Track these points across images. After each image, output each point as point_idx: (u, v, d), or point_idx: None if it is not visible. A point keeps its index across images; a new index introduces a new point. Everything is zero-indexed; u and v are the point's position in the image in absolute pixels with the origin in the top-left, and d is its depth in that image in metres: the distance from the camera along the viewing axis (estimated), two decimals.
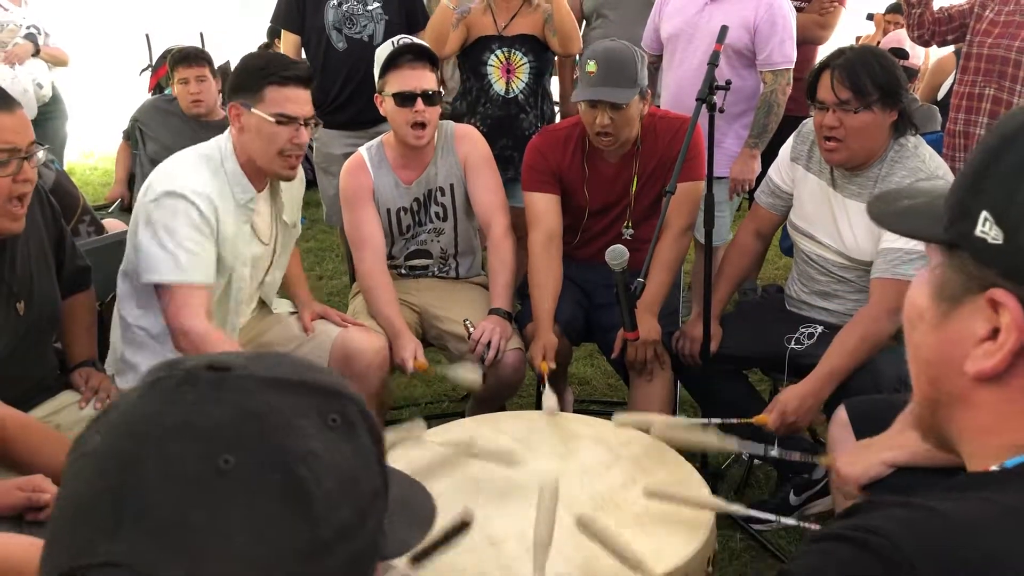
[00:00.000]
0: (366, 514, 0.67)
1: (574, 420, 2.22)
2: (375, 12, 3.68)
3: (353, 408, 0.70)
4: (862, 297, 2.49)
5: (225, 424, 0.63)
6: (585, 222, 2.88)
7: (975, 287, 0.77)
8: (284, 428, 0.64)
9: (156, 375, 0.67)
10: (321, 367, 0.74)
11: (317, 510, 0.62)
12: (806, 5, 4.04)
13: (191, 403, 0.64)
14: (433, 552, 1.24)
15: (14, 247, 2.04)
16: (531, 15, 3.54)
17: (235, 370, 0.66)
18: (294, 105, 2.33)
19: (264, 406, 0.64)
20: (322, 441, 0.65)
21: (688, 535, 1.68)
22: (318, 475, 0.63)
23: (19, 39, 4.84)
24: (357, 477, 0.67)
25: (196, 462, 0.61)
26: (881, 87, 2.32)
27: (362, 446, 0.69)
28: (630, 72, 2.60)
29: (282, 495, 0.62)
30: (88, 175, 7.22)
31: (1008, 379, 0.77)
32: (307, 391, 0.68)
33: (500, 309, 2.72)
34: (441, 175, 2.86)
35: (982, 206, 0.76)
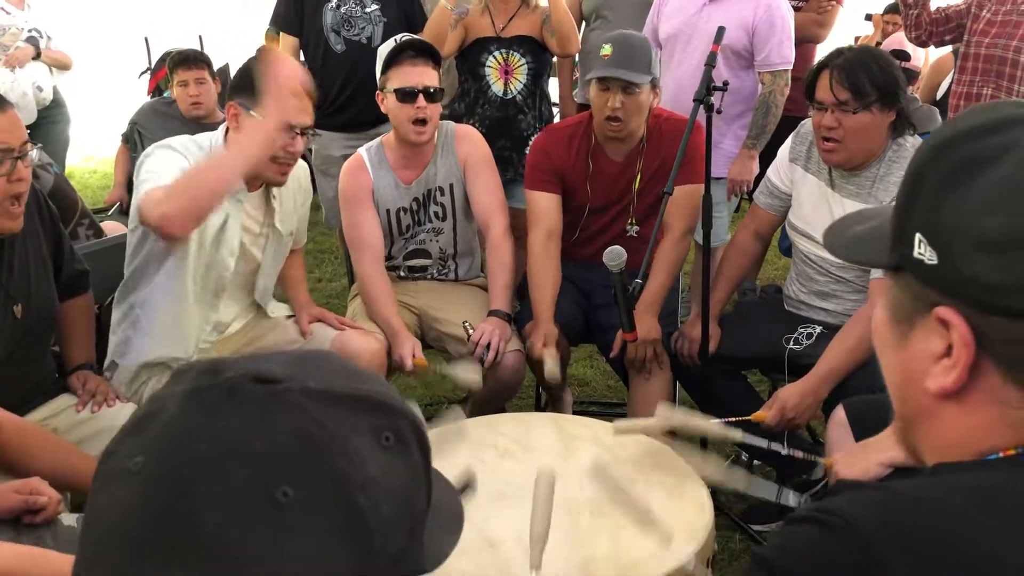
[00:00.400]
0: (415, 533, 0.65)
1: (573, 421, 2.21)
2: (373, 14, 3.69)
3: (406, 424, 0.67)
4: (860, 297, 2.49)
5: (283, 449, 0.59)
6: (585, 219, 2.88)
7: (923, 307, 0.79)
8: (342, 453, 0.60)
9: (195, 383, 0.62)
10: (368, 373, 0.70)
11: (376, 541, 0.60)
12: (803, 4, 4.04)
13: (244, 422, 0.59)
14: None
15: (11, 250, 2.04)
16: (529, 16, 3.54)
17: (284, 382, 0.62)
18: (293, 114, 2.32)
19: (320, 428, 0.60)
20: (378, 463, 0.62)
21: (687, 536, 1.67)
22: (376, 503, 0.60)
23: (20, 43, 4.84)
24: (410, 497, 0.64)
25: (254, 492, 0.57)
26: (879, 88, 2.32)
27: (414, 463, 0.66)
28: (645, 58, 2.63)
29: (342, 529, 0.59)
30: (87, 178, 7.22)
31: (968, 393, 0.78)
32: (361, 406, 0.64)
33: (499, 311, 2.72)
34: (441, 175, 2.86)
35: (915, 228, 0.78)
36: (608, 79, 2.62)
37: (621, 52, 2.61)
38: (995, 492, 0.74)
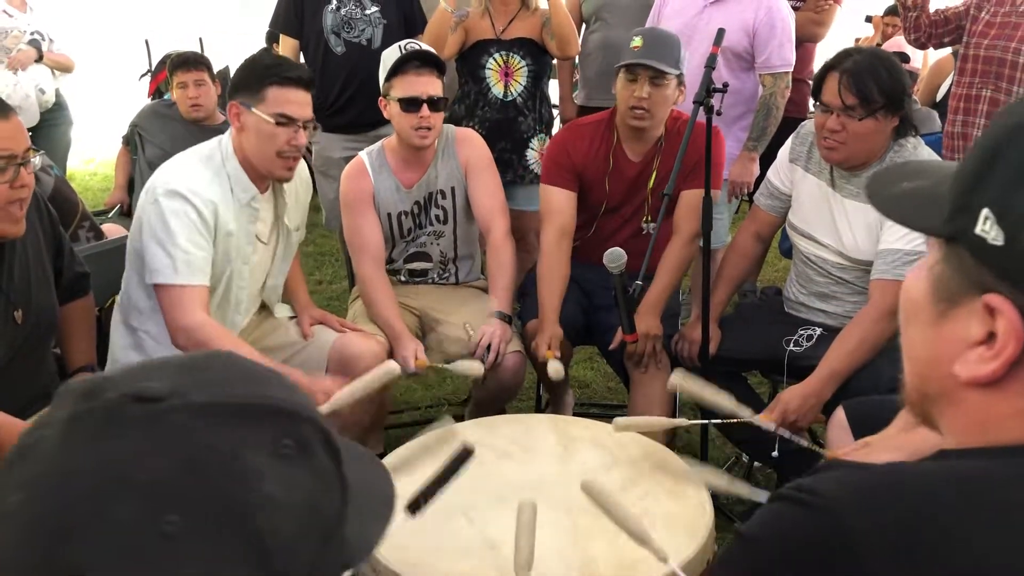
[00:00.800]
0: (328, 538, 0.62)
1: (572, 423, 2.21)
2: (373, 16, 3.69)
3: (308, 427, 0.63)
4: (860, 299, 2.49)
5: (168, 477, 0.56)
6: (600, 218, 2.88)
7: (973, 288, 0.74)
8: (233, 472, 0.57)
9: (73, 408, 0.59)
10: (269, 373, 0.67)
11: (277, 562, 0.57)
12: (802, 4, 4.05)
13: (124, 451, 0.56)
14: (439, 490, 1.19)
15: (12, 255, 2.04)
16: (529, 18, 3.55)
17: (167, 399, 0.58)
18: (294, 107, 2.35)
19: (207, 448, 0.57)
20: (277, 478, 0.58)
21: (687, 537, 1.67)
22: (276, 523, 0.57)
23: (23, 45, 4.85)
24: (318, 505, 0.61)
25: (136, 525, 0.54)
26: (887, 95, 2.32)
27: (320, 468, 0.63)
28: (674, 52, 2.65)
29: (238, 552, 0.56)
30: (88, 181, 7.23)
31: (1002, 386, 0.74)
32: (254, 417, 0.60)
33: (500, 312, 2.73)
34: (442, 178, 2.86)
35: (983, 203, 0.72)
36: (636, 68, 2.63)
37: (651, 44, 2.63)
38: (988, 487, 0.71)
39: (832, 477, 0.75)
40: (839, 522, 0.70)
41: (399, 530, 0.70)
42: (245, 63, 2.45)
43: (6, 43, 4.82)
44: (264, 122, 2.33)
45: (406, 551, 1.60)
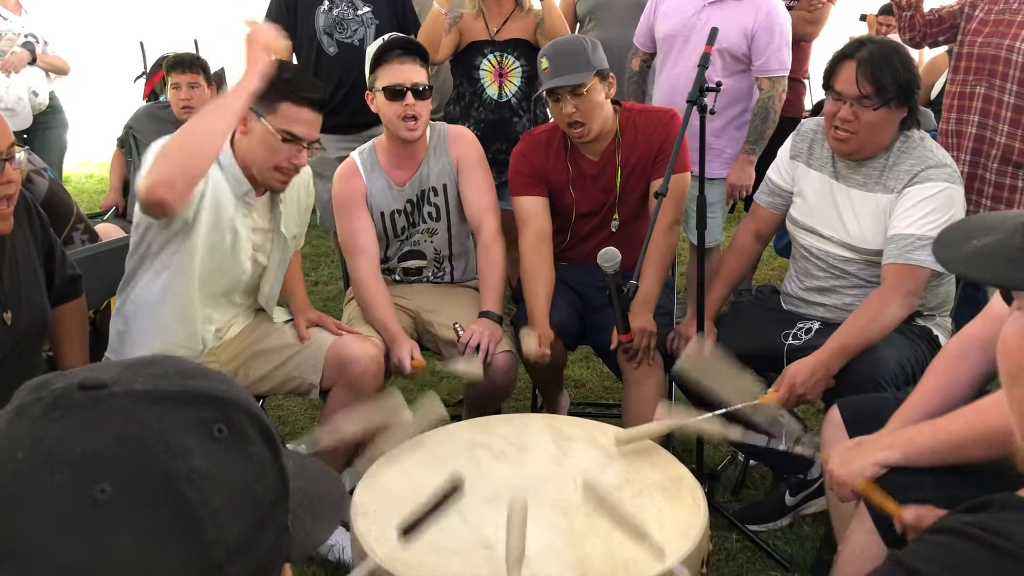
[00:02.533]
0: (264, 523, 0.64)
1: (568, 422, 2.21)
2: (365, 16, 3.69)
3: (241, 415, 0.66)
4: (860, 292, 2.50)
5: (99, 451, 0.59)
6: (574, 223, 2.89)
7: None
8: (164, 447, 0.60)
9: (22, 399, 0.63)
10: (209, 372, 0.70)
11: (207, 531, 0.60)
12: (796, 3, 4.05)
13: (61, 431, 0.60)
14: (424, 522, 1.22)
15: (1, 257, 2.04)
16: (523, 19, 3.55)
17: (110, 387, 0.62)
18: (303, 127, 2.34)
19: (142, 426, 0.60)
20: (208, 456, 0.62)
21: (681, 536, 1.68)
22: (205, 494, 0.60)
23: (16, 48, 4.85)
24: (250, 488, 0.64)
25: (68, 494, 0.57)
26: (901, 85, 2.34)
27: (254, 453, 0.65)
28: (581, 57, 2.63)
29: (167, 520, 0.58)
30: (83, 183, 7.23)
31: None
32: (189, 402, 0.64)
33: (490, 312, 2.73)
34: (434, 175, 2.86)
35: None
36: (554, 90, 2.63)
37: (556, 60, 2.63)
38: None
39: (1016, 520, 0.68)
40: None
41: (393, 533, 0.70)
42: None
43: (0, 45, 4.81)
44: (270, 134, 2.32)
45: (401, 551, 1.60)
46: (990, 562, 0.65)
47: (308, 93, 2.35)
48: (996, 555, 0.64)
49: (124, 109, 4.95)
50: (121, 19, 8.19)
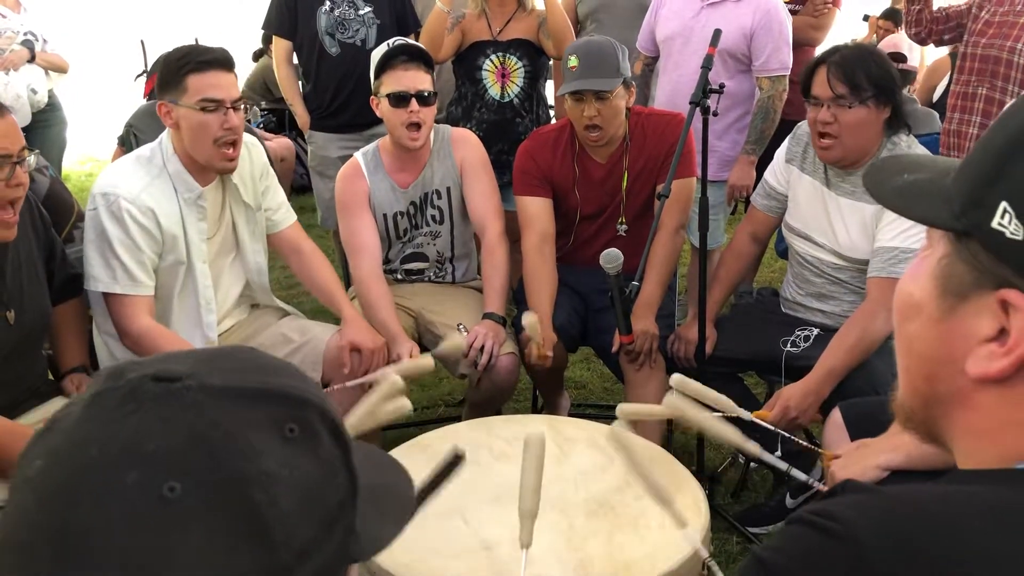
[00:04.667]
0: (332, 525, 0.64)
1: (569, 423, 2.21)
2: (367, 16, 3.69)
3: (314, 414, 0.66)
4: (857, 299, 2.50)
5: (171, 448, 0.59)
6: (578, 225, 2.88)
7: (986, 283, 0.72)
8: (236, 448, 0.60)
9: (99, 386, 0.63)
10: (282, 366, 0.70)
11: (275, 535, 0.59)
12: (800, 8, 4.05)
13: (135, 425, 0.60)
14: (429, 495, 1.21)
15: (4, 256, 2.04)
16: (525, 19, 3.54)
17: (184, 379, 0.62)
18: (216, 89, 2.30)
19: (213, 424, 0.60)
20: (279, 457, 0.61)
21: (683, 537, 1.67)
22: (274, 497, 0.60)
23: (15, 46, 4.84)
24: (320, 490, 0.64)
25: (139, 492, 0.57)
26: (876, 83, 2.34)
27: (325, 454, 0.65)
28: (611, 62, 2.61)
29: (235, 523, 0.58)
30: (83, 181, 7.21)
31: (1015, 383, 0.72)
32: (263, 400, 0.64)
33: (494, 314, 2.72)
34: (437, 178, 2.86)
35: (1001, 196, 0.71)
36: (578, 90, 2.62)
37: (587, 61, 2.61)
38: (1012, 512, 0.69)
39: (851, 502, 0.72)
40: (862, 553, 0.67)
41: None
42: (161, 60, 2.42)
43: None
44: (192, 112, 2.29)
45: (402, 552, 1.60)
46: (821, 544, 0.69)
47: (205, 56, 2.32)
48: (826, 536, 0.69)
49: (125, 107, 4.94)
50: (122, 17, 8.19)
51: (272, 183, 2.69)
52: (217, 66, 2.31)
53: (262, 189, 2.63)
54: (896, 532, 0.68)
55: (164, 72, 2.34)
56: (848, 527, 0.69)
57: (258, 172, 2.62)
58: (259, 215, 2.63)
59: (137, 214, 2.29)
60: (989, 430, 0.74)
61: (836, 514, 0.70)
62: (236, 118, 2.33)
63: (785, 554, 0.72)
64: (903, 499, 0.72)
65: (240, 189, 2.53)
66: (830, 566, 0.69)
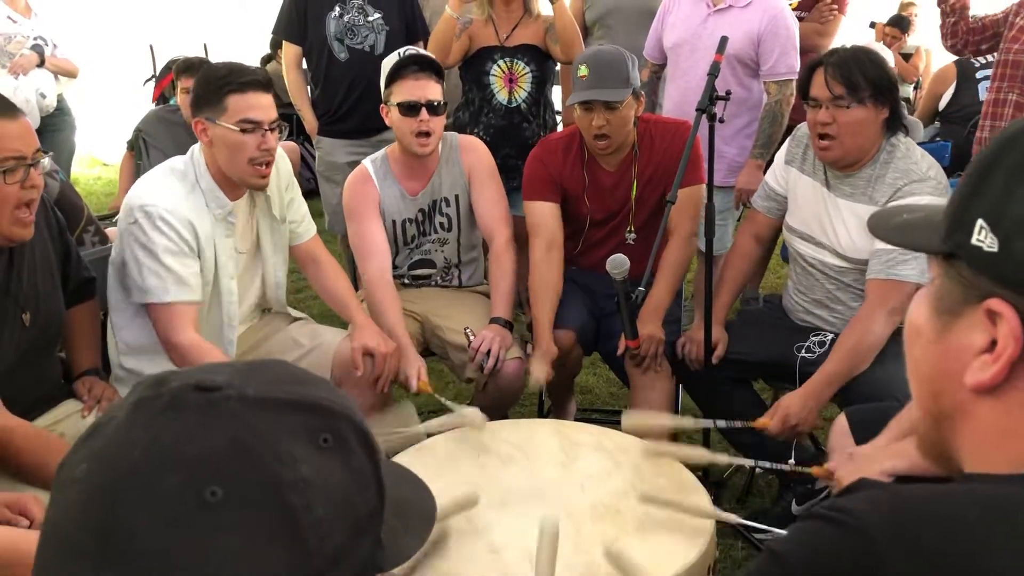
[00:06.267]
0: (361, 534, 0.66)
1: (575, 428, 2.22)
2: (376, 23, 3.71)
3: (347, 425, 0.68)
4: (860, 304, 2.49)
5: (212, 454, 0.61)
6: (587, 231, 2.89)
7: (973, 297, 0.77)
8: (274, 454, 0.62)
9: (141, 394, 0.65)
10: (316, 379, 0.72)
11: (309, 540, 0.61)
12: (806, 15, 4.06)
13: (177, 430, 0.62)
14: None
15: (20, 258, 2.05)
16: (532, 25, 3.56)
17: (224, 389, 0.64)
18: (257, 111, 2.33)
19: (253, 432, 0.62)
20: (314, 465, 0.63)
21: (688, 543, 1.68)
22: (309, 502, 0.62)
23: (25, 50, 4.87)
24: (351, 498, 0.66)
25: (181, 495, 0.59)
26: (873, 83, 2.35)
27: (356, 465, 0.67)
28: (621, 72, 2.62)
29: (273, 526, 0.60)
30: (92, 185, 7.25)
31: (1008, 390, 0.76)
32: (298, 410, 0.66)
33: (500, 318, 2.73)
34: (446, 186, 2.87)
35: (977, 214, 0.76)
36: (588, 100, 2.63)
37: (597, 71, 2.62)
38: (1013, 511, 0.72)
39: (864, 497, 0.75)
40: (872, 545, 0.71)
41: None
42: (200, 77, 2.43)
43: (9, 48, 4.83)
44: (230, 132, 2.31)
45: None
46: (833, 535, 0.73)
47: (247, 78, 2.34)
48: (838, 528, 0.73)
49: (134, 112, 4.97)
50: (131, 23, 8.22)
51: (296, 195, 2.71)
52: (258, 87, 2.34)
53: (287, 200, 2.66)
54: (906, 526, 0.72)
55: (203, 89, 2.35)
56: (860, 520, 0.72)
57: (284, 183, 2.65)
58: (283, 227, 2.65)
59: (178, 225, 2.31)
60: (992, 440, 0.78)
61: (849, 508, 0.74)
62: (273, 139, 2.36)
63: (799, 546, 0.76)
64: (914, 495, 0.76)
65: (270, 201, 2.56)
66: (841, 557, 0.72)
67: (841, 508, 0.74)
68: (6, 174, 1.88)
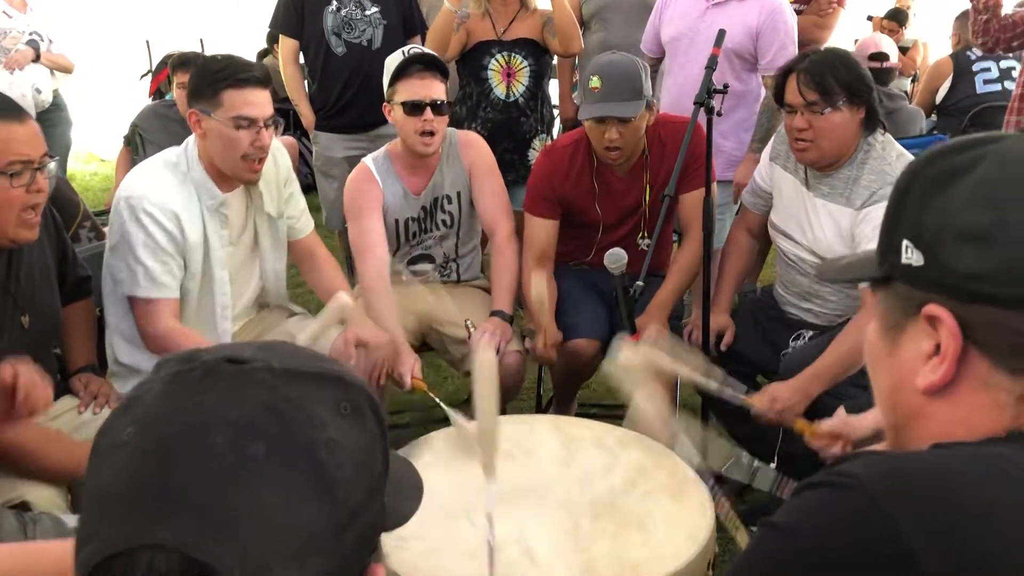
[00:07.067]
0: (375, 492, 0.72)
1: (574, 423, 2.21)
2: (373, 17, 3.70)
3: (361, 396, 0.74)
4: (841, 297, 2.52)
5: (252, 417, 0.67)
6: (600, 238, 2.88)
7: (911, 309, 0.84)
8: (305, 417, 0.68)
9: (175, 368, 0.71)
10: (324, 356, 0.78)
11: (338, 492, 0.67)
12: (805, 8, 4.05)
13: (216, 397, 0.68)
14: None
15: (19, 260, 2.04)
16: (529, 18, 3.55)
17: (252, 362, 0.70)
18: (252, 107, 2.31)
19: (285, 398, 0.69)
20: (338, 428, 0.70)
21: (688, 539, 1.68)
22: (338, 460, 0.68)
23: (21, 45, 4.86)
24: (368, 460, 0.72)
25: (229, 452, 0.65)
26: (846, 87, 2.36)
27: (370, 431, 0.74)
28: (635, 84, 2.60)
29: (308, 480, 0.66)
30: (88, 180, 7.23)
31: (957, 385, 0.83)
32: (321, 381, 0.72)
33: (501, 312, 2.73)
34: (447, 182, 2.86)
35: (902, 236, 0.85)
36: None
37: (610, 84, 2.58)
38: (989, 456, 0.79)
39: (858, 463, 0.79)
40: (874, 500, 0.74)
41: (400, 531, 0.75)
42: (197, 70, 2.41)
43: (4, 43, 4.82)
44: (225, 127, 2.30)
45: (408, 552, 1.60)
46: (831, 496, 0.78)
47: (245, 73, 2.32)
48: (836, 490, 0.77)
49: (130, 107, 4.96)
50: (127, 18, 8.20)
51: (295, 190, 2.70)
52: (255, 83, 2.32)
53: (286, 196, 2.64)
54: (901, 479, 0.77)
55: (199, 81, 2.33)
56: (858, 479, 0.76)
57: (283, 178, 2.63)
58: (281, 222, 2.64)
59: (161, 218, 2.29)
60: (946, 431, 0.84)
61: (846, 471, 0.78)
62: (267, 136, 2.35)
63: (801, 514, 0.79)
64: (907, 456, 0.83)
65: (265, 196, 2.54)
66: (846, 518, 0.75)
67: (839, 472, 0.78)
68: (12, 177, 1.86)
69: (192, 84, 2.37)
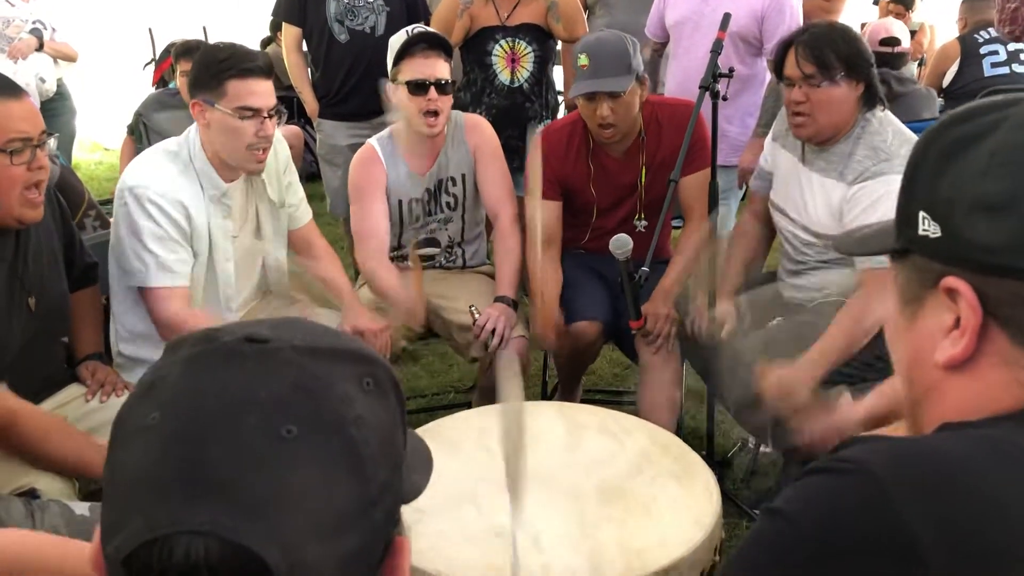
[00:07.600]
0: (398, 467, 0.72)
1: (579, 410, 2.21)
2: (376, 4, 3.68)
3: (383, 372, 0.74)
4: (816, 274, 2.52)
5: (281, 396, 0.66)
6: (595, 220, 2.87)
7: (930, 281, 0.82)
8: (333, 394, 0.68)
9: (194, 349, 0.69)
10: (341, 333, 0.78)
11: (367, 469, 0.67)
12: None
13: (243, 378, 0.67)
14: None
15: (27, 242, 2.05)
16: (532, 4, 3.53)
17: (272, 341, 0.69)
18: (256, 97, 2.30)
19: (311, 376, 0.68)
20: (364, 404, 0.69)
21: (694, 524, 1.68)
22: (366, 437, 0.67)
23: (24, 34, 4.85)
24: (392, 435, 0.72)
25: (261, 433, 0.64)
26: (845, 60, 2.34)
27: (391, 406, 0.73)
28: (624, 59, 2.58)
29: (340, 458, 0.66)
30: (93, 170, 7.23)
31: (976, 360, 0.80)
32: (343, 358, 0.71)
33: (506, 297, 2.73)
34: (452, 164, 2.86)
35: (918, 208, 0.83)
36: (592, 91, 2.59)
37: (597, 60, 2.57)
38: (997, 441, 0.77)
39: (860, 448, 0.78)
40: (877, 484, 0.73)
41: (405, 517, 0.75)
42: (200, 59, 2.40)
43: (8, 32, 4.81)
44: (229, 118, 2.29)
45: (414, 538, 1.60)
46: (832, 481, 0.76)
47: (248, 64, 2.31)
48: (838, 475, 0.76)
49: (134, 96, 4.95)
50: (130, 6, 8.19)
51: (294, 179, 2.69)
52: (259, 73, 2.31)
53: (285, 184, 2.64)
54: (904, 463, 0.76)
55: (203, 71, 2.33)
56: (862, 464, 0.75)
57: (282, 167, 2.63)
58: (282, 212, 2.64)
59: (168, 207, 2.29)
60: (962, 406, 0.82)
61: (849, 457, 0.77)
62: (271, 126, 2.34)
63: (804, 500, 0.78)
64: (908, 440, 0.83)
65: (267, 185, 2.54)
66: (849, 502, 0.74)
67: (841, 458, 0.77)
68: (12, 155, 1.87)
69: (195, 74, 2.37)
